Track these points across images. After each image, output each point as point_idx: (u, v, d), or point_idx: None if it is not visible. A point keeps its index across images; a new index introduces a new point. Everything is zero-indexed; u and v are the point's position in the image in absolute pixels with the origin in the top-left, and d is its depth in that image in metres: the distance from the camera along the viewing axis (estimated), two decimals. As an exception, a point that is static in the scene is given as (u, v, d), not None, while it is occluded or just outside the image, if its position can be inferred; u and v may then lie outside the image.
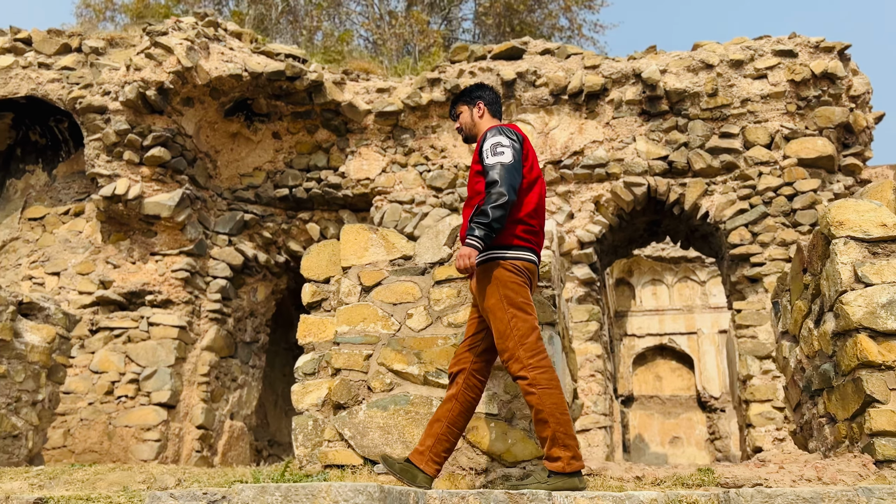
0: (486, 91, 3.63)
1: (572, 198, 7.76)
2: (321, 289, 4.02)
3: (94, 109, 7.66)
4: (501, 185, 3.06)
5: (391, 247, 3.87)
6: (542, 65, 7.96)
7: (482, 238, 3.02)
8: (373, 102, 8.28)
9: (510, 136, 3.25)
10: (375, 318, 3.73)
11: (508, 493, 2.59)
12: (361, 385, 3.63)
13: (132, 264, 7.91)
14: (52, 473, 3.93)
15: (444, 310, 3.66)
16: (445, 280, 3.71)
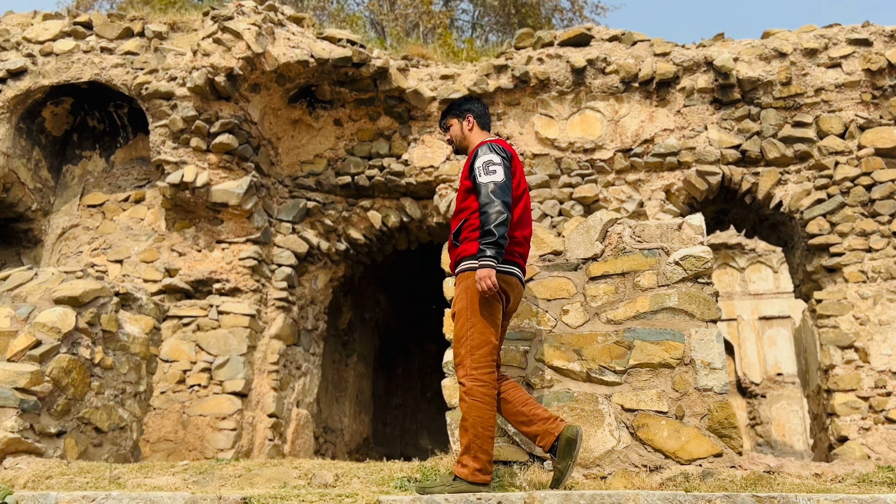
0: (475, 104, 3.80)
1: (642, 186, 7.74)
2: (464, 284, 3.99)
3: (160, 95, 7.56)
4: (497, 204, 3.24)
5: (540, 242, 3.84)
6: (611, 52, 7.90)
7: (495, 256, 3.21)
8: (437, 89, 8.21)
9: (500, 154, 3.42)
10: (529, 313, 3.71)
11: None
12: (520, 381, 3.62)
13: (198, 252, 7.85)
14: (200, 468, 3.91)
15: (601, 306, 3.65)
16: (601, 276, 3.69)
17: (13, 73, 7.81)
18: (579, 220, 3.98)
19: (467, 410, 3.15)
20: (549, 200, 7.73)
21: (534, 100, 8.00)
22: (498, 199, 3.25)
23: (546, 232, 3.89)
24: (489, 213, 3.23)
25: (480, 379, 3.18)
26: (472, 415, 3.13)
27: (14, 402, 4.32)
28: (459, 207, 3.51)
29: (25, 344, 4.54)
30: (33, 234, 8.17)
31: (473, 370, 3.18)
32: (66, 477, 3.99)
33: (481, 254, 3.21)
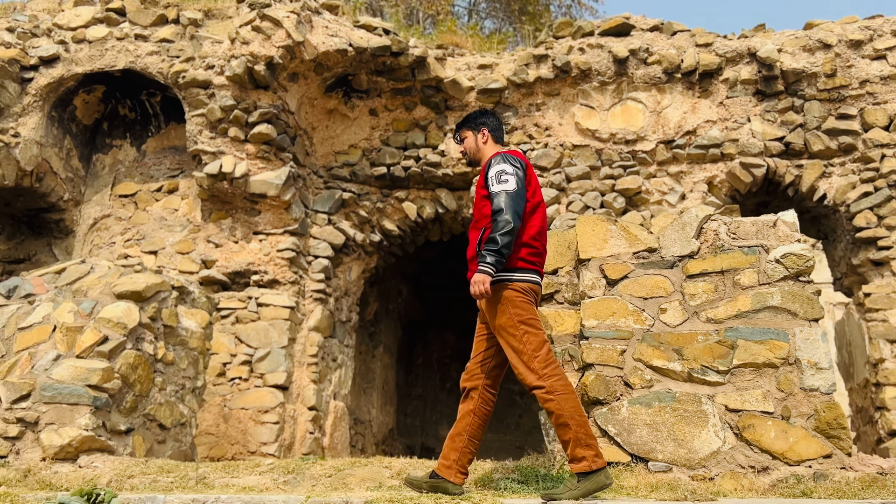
0: (490, 118, 3.87)
1: (684, 178, 7.69)
2: (551, 280, 3.93)
3: (197, 84, 7.43)
4: (507, 213, 3.29)
5: (633, 238, 3.79)
6: (653, 42, 7.82)
7: (494, 264, 3.26)
8: (474, 79, 8.11)
9: (514, 164, 3.46)
10: (626, 312, 3.66)
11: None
12: (618, 381, 3.58)
13: (234, 243, 7.76)
14: (286, 468, 3.85)
15: (700, 305, 3.60)
16: (699, 274, 3.64)
17: (45, 61, 7.66)
18: (669, 217, 3.93)
19: (559, 407, 3.16)
20: (591, 192, 7.67)
21: (574, 90, 7.92)
22: (509, 209, 3.29)
23: (639, 228, 3.83)
24: (498, 221, 3.29)
25: (554, 374, 3.21)
26: (566, 408, 3.14)
27: (88, 399, 4.25)
28: (478, 217, 3.57)
29: (93, 340, 4.45)
30: (65, 225, 8.05)
31: (544, 370, 3.21)
32: (148, 476, 3.93)
33: (482, 259, 3.28)
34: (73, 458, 4.21)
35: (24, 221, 8.09)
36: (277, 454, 7.01)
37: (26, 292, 4.90)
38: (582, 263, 3.81)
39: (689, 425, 3.41)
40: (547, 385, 3.20)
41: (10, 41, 7.66)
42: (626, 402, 3.51)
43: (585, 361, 3.62)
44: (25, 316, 4.66)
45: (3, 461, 4.16)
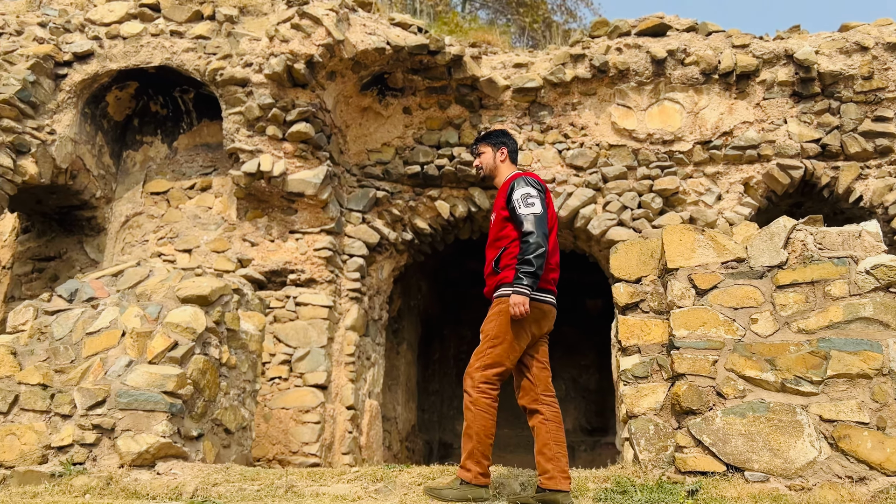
0: (510, 140, 4.02)
1: (720, 179, 7.73)
2: (636, 289, 3.95)
3: (235, 82, 7.38)
4: (537, 236, 3.45)
5: (721, 248, 3.81)
6: (690, 43, 7.84)
7: (531, 285, 3.45)
8: (510, 78, 8.09)
9: (537, 188, 3.64)
10: (716, 322, 3.69)
11: None
12: (710, 391, 3.60)
13: (270, 242, 7.72)
14: (373, 475, 3.86)
15: (792, 315, 3.63)
16: (790, 284, 3.67)
17: (79, 57, 7.57)
18: (751, 226, 3.95)
19: (472, 420, 3.43)
20: (628, 192, 7.69)
21: (611, 90, 7.93)
22: (539, 231, 3.46)
23: (726, 238, 3.85)
24: (530, 242, 3.44)
25: (485, 392, 3.46)
26: (477, 424, 3.42)
27: (164, 406, 4.23)
28: (498, 236, 3.70)
29: (164, 345, 4.43)
30: (96, 222, 7.98)
31: (481, 383, 3.47)
32: (233, 484, 3.93)
33: (518, 281, 3.43)
34: (150, 465, 4.20)
35: (55, 219, 8.01)
36: (319, 454, 7.01)
37: (88, 296, 4.86)
38: (669, 273, 3.83)
39: (784, 435, 3.44)
40: (474, 397, 3.46)
41: (42, 36, 7.57)
42: (720, 413, 3.54)
43: (676, 371, 3.65)
44: (92, 320, 4.62)
45: (81, 468, 4.14)
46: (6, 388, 4.41)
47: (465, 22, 14.56)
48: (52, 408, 4.32)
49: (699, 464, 3.49)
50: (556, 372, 12.77)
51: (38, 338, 4.59)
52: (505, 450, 12.68)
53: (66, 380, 4.40)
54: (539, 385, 3.61)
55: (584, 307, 12.93)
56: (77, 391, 4.29)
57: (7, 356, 4.49)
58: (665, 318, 3.84)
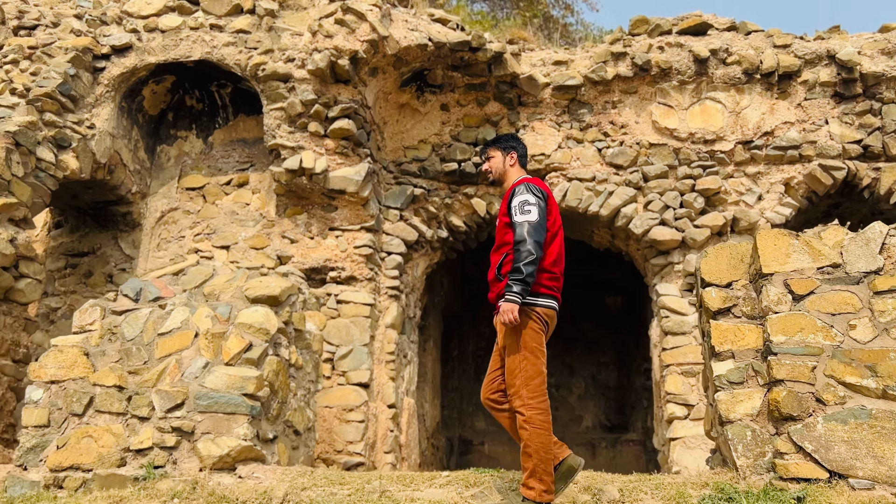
0: (520, 145, 4.04)
1: (761, 179, 7.72)
2: (727, 294, 3.94)
3: (277, 77, 7.30)
4: (529, 244, 3.47)
5: (817, 254, 3.79)
6: (731, 42, 7.82)
7: (520, 293, 3.46)
8: (549, 75, 8.05)
9: (536, 194, 3.64)
10: (814, 328, 3.68)
11: None
12: (809, 397, 3.59)
13: (310, 239, 7.66)
14: (466, 480, 3.83)
15: (891, 322, 3.63)
16: (888, 290, 3.66)
17: (117, 50, 7.47)
18: (841, 230, 3.94)
19: (529, 438, 3.42)
20: (670, 192, 7.68)
21: (652, 88, 7.90)
22: (531, 239, 3.47)
23: (821, 243, 3.84)
24: (521, 251, 3.47)
25: (538, 407, 3.45)
26: (535, 442, 3.41)
27: (245, 408, 4.18)
28: (500, 242, 3.74)
29: (239, 347, 4.38)
30: (132, 218, 7.89)
31: (531, 400, 3.44)
32: (322, 489, 3.89)
33: (508, 289, 3.46)
34: (230, 469, 4.15)
35: (90, 214, 7.91)
36: (363, 453, 6.98)
37: (154, 295, 4.79)
38: (764, 278, 3.82)
39: (888, 442, 3.44)
40: (528, 415, 3.43)
41: (79, 29, 7.45)
42: (821, 419, 3.53)
43: (774, 377, 3.63)
44: (162, 321, 4.56)
45: (163, 472, 4.08)
46: (80, 389, 4.35)
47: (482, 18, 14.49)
48: (129, 410, 4.26)
49: (801, 470, 3.48)
50: (576, 369, 12.84)
51: (109, 338, 4.52)
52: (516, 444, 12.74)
53: (141, 381, 4.34)
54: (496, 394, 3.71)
55: (603, 304, 12.94)
56: (155, 393, 4.23)
57: (80, 357, 4.42)
58: (758, 324, 3.82)
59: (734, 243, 4.06)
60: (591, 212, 7.79)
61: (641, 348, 12.31)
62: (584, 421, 12.75)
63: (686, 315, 7.30)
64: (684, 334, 7.24)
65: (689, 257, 7.49)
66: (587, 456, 12.23)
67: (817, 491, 3.37)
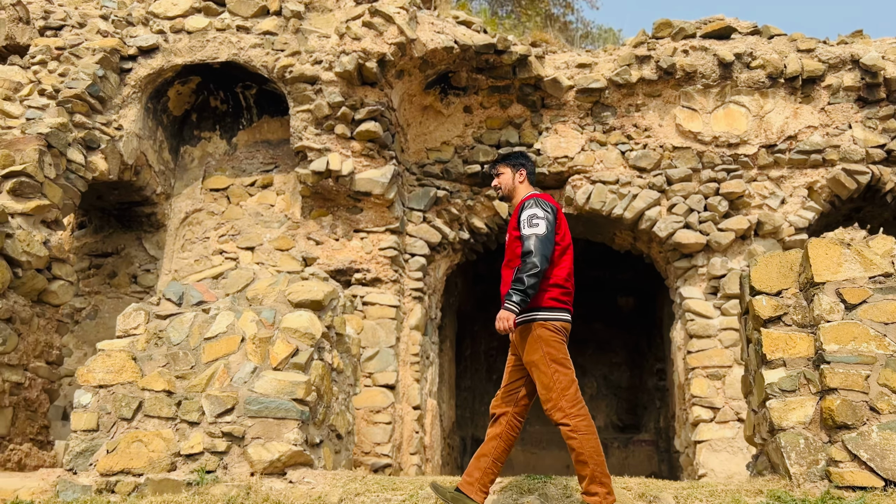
0: (529, 162, 4.10)
1: (784, 183, 7.76)
2: (778, 302, 3.97)
3: (305, 79, 7.31)
4: (535, 256, 3.53)
5: (868, 263, 3.83)
6: (755, 46, 7.85)
7: (518, 303, 3.52)
8: (573, 78, 8.07)
9: (545, 209, 3.70)
10: (867, 337, 3.71)
11: None
12: (863, 406, 3.63)
13: (335, 241, 7.68)
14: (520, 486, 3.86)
15: (943, 331, 3.66)
16: (939, 300, 3.70)
17: (144, 51, 7.46)
18: (889, 240, 3.97)
19: (580, 446, 3.43)
20: (694, 195, 7.71)
21: (676, 92, 7.93)
22: (538, 252, 3.53)
23: (872, 252, 3.87)
24: (527, 262, 3.53)
25: (580, 414, 3.49)
26: (587, 447, 3.43)
27: (295, 413, 4.20)
28: (511, 257, 3.79)
29: (287, 352, 4.40)
30: (156, 219, 7.89)
31: (571, 409, 3.48)
32: (375, 494, 3.91)
33: (508, 297, 3.52)
34: (280, 473, 4.17)
35: (114, 214, 7.92)
36: (391, 455, 7.01)
37: (197, 300, 4.80)
38: (815, 287, 3.85)
39: (944, 451, 3.48)
40: (572, 424, 3.47)
41: (106, 29, 7.45)
42: (876, 427, 3.57)
43: (828, 385, 3.67)
44: (207, 325, 4.57)
45: (214, 476, 4.10)
46: (129, 394, 4.36)
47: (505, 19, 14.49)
48: (179, 415, 4.28)
49: (856, 478, 3.52)
50: (587, 369, 12.87)
51: (156, 343, 4.53)
52: (537, 446, 12.78)
53: (190, 386, 4.35)
54: (518, 408, 3.74)
55: (615, 305, 12.99)
56: (205, 398, 4.25)
57: (128, 362, 4.43)
58: (809, 332, 3.86)
59: (783, 252, 4.09)
60: (614, 215, 7.82)
61: (654, 349, 12.37)
62: (595, 421, 12.70)
63: (711, 318, 7.34)
64: (709, 337, 7.28)
65: (713, 260, 7.53)
66: (600, 456, 12.32)
67: (874, 499, 3.41)
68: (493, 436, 3.67)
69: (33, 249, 5.86)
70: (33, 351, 5.88)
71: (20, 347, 5.71)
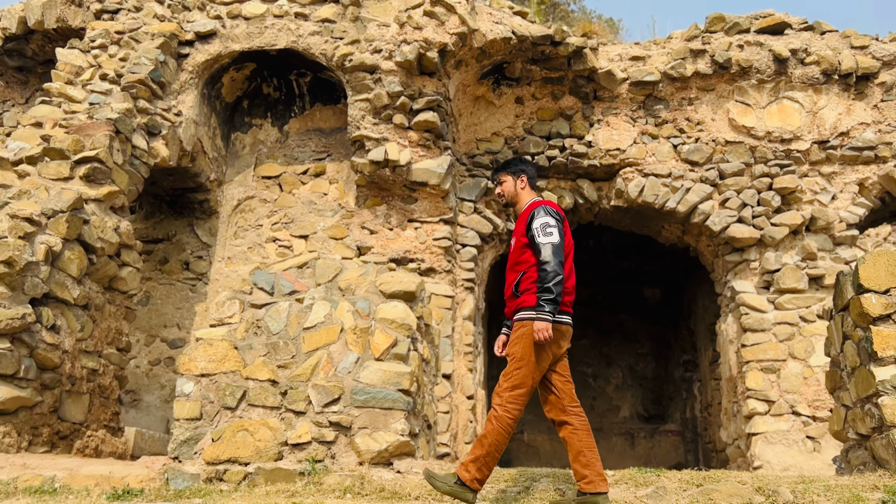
0: (529, 167, 4.24)
1: (835, 179, 7.82)
2: (888, 301, 4.02)
3: (364, 68, 7.28)
4: (554, 265, 3.69)
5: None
6: (810, 42, 7.89)
7: (552, 312, 3.68)
8: (626, 70, 8.08)
9: (555, 217, 3.86)
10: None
11: None
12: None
13: (389, 231, 7.69)
14: (635, 479, 3.90)
15: None
16: None
17: (202, 37, 7.42)
18: None
19: (491, 431, 3.66)
20: (748, 190, 7.76)
21: (730, 86, 7.96)
22: (556, 260, 3.69)
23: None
24: (548, 271, 3.67)
25: (512, 413, 3.68)
26: (493, 437, 3.66)
27: (402, 403, 4.23)
28: (517, 261, 3.91)
29: (387, 342, 4.42)
30: (208, 205, 7.87)
31: (509, 404, 3.68)
32: (490, 486, 3.95)
33: (540, 309, 3.67)
34: (386, 463, 4.20)
35: (166, 201, 7.89)
36: (449, 444, 7.06)
37: (288, 289, 4.81)
38: (926, 286, 3.91)
39: None
40: (499, 413, 3.69)
41: (163, 14, 7.40)
42: None
43: (940, 383, 3.74)
44: (304, 315, 4.58)
45: (322, 466, 4.13)
46: (233, 383, 4.38)
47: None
48: (285, 404, 4.30)
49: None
50: (613, 359, 12.94)
51: (255, 332, 4.55)
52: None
53: (293, 375, 4.37)
54: (564, 397, 3.80)
55: (641, 296, 13.06)
56: (312, 388, 4.27)
57: (231, 351, 4.44)
58: (919, 329, 3.92)
59: (891, 251, 4.14)
60: (667, 208, 7.86)
61: (680, 340, 12.46)
62: (621, 411, 12.89)
63: (766, 312, 7.41)
64: (764, 331, 7.35)
65: (767, 255, 7.59)
66: (626, 446, 12.42)
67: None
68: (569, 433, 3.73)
69: (106, 236, 5.85)
70: (105, 338, 5.88)
71: (95, 334, 5.71)
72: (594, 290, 13.02)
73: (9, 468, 4.36)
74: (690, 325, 11.95)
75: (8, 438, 4.70)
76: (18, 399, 4.81)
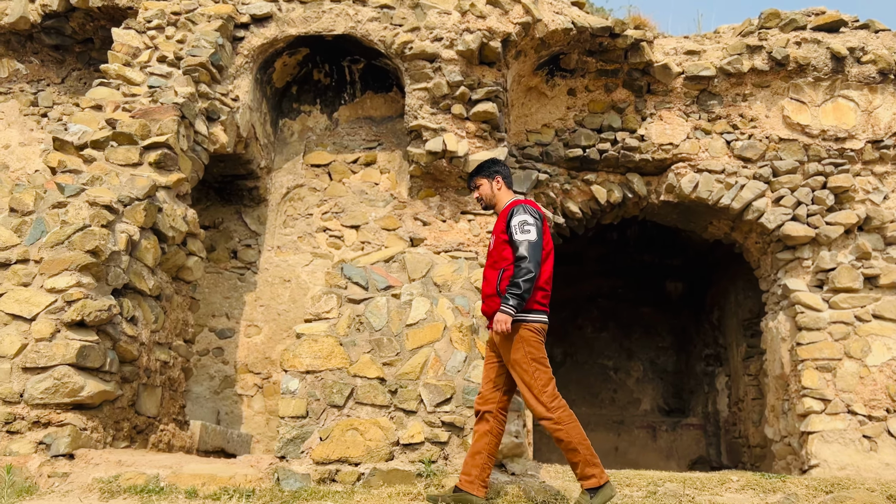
0: (502, 167, 4.30)
1: (887, 178, 7.84)
2: None
3: (424, 56, 7.14)
4: (529, 262, 3.72)
5: None
6: (866, 41, 7.87)
7: (515, 307, 3.71)
8: (682, 65, 8.02)
9: (534, 216, 3.92)
10: None
11: None
12: None
13: (442, 222, 7.58)
14: (761, 485, 3.87)
15: None
16: None
17: (257, 20, 7.23)
18: None
19: (567, 436, 3.65)
20: (802, 188, 7.74)
21: (786, 83, 7.93)
22: (532, 258, 3.72)
23: None
24: (521, 267, 3.72)
25: (560, 406, 3.71)
26: (573, 435, 3.68)
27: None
28: (497, 258, 3.94)
29: (493, 341, 4.34)
30: (257, 193, 7.71)
31: (551, 404, 3.69)
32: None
33: (505, 301, 3.69)
34: (499, 465, 4.14)
35: (214, 188, 7.71)
36: (507, 439, 7.00)
37: (382, 284, 4.71)
38: None
39: None
40: (555, 416, 3.68)
41: (218, -5, 7.19)
42: None
43: None
44: (404, 311, 4.48)
45: (437, 467, 4.05)
46: (340, 380, 4.27)
47: None
48: (394, 403, 4.21)
49: None
50: (634, 353, 12.97)
51: (357, 328, 4.44)
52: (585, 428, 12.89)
53: (400, 373, 4.28)
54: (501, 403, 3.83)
55: (663, 289, 13.08)
56: (423, 387, 4.19)
57: (336, 347, 4.34)
58: None
59: None
60: (721, 204, 7.84)
61: (702, 334, 12.50)
62: (642, 404, 12.94)
63: (821, 311, 7.42)
64: (819, 330, 7.36)
65: (822, 254, 7.59)
66: (648, 438, 12.47)
67: None
68: (484, 432, 3.76)
69: (177, 224, 5.69)
70: (174, 329, 5.74)
71: (166, 325, 5.57)
72: (615, 284, 13.04)
73: (104, 465, 4.24)
74: (713, 320, 11.99)
75: (95, 434, 4.57)
76: (104, 393, 4.67)
